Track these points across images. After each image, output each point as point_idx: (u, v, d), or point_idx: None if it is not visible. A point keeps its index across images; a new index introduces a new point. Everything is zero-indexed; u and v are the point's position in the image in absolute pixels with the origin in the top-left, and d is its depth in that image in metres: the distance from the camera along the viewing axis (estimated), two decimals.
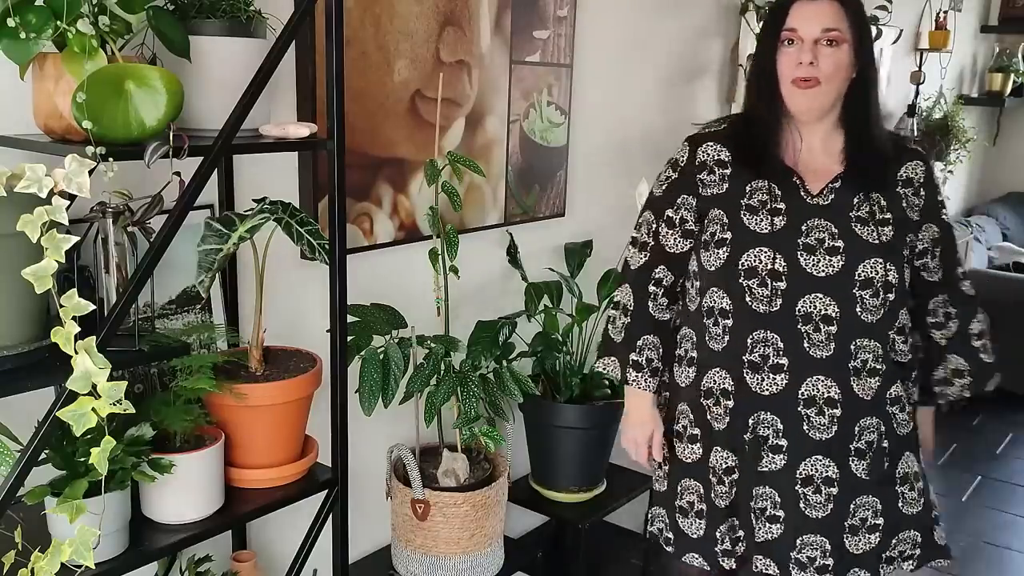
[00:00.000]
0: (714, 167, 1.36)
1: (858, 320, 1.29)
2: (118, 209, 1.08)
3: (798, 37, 1.27)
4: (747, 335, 1.32)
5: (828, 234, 1.30)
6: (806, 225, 1.31)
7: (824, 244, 1.30)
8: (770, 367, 1.32)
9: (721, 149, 1.36)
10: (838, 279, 1.29)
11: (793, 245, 1.30)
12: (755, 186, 1.33)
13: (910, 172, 1.36)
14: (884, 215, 1.32)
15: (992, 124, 4.54)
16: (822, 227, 1.30)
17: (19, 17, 0.95)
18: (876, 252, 1.29)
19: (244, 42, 1.17)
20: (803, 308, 1.29)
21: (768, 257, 1.30)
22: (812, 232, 1.30)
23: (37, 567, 0.97)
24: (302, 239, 1.26)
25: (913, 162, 1.36)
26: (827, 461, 1.32)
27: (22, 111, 1.09)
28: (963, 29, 4.01)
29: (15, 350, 1.00)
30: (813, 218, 1.31)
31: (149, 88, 1.00)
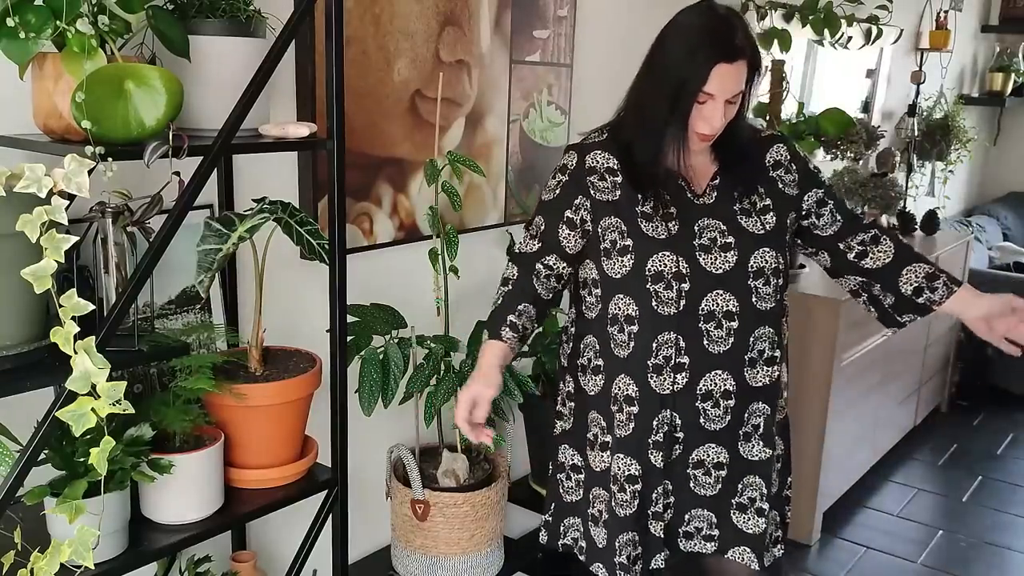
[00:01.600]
0: (604, 174, 1.36)
1: (755, 311, 1.34)
2: (117, 209, 1.08)
3: (710, 98, 1.27)
4: (652, 339, 1.33)
5: (719, 232, 1.33)
6: (698, 225, 1.33)
7: (717, 242, 1.33)
8: (672, 367, 1.34)
9: (609, 157, 1.36)
10: (734, 273, 1.32)
11: (690, 247, 1.32)
12: (647, 192, 1.35)
13: (775, 155, 1.41)
14: (764, 202, 1.36)
15: (993, 124, 4.54)
16: (712, 226, 1.33)
17: (18, 17, 0.95)
18: (764, 242, 1.34)
19: (244, 42, 1.17)
20: (706, 306, 1.32)
21: (671, 260, 1.31)
22: (704, 232, 1.33)
23: (37, 567, 0.97)
24: (302, 239, 1.26)
25: (775, 146, 1.41)
26: (718, 448, 1.38)
27: (22, 111, 1.09)
28: (963, 29, 4.01)
29: (14, 350, 1.00)
30: (703, 218, 1.34)
31: (148, 88, 0.99)
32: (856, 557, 2.51)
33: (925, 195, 3.86)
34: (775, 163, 1.40)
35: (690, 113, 1.27)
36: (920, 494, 2.92)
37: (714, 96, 1.26)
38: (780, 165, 1.40)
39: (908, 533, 2.66)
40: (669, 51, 1.28)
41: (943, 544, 2.60)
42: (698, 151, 1.35)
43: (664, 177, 1.34)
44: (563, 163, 1.40)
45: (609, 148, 1.36)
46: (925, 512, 2.80)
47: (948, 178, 3.89)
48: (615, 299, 1.35)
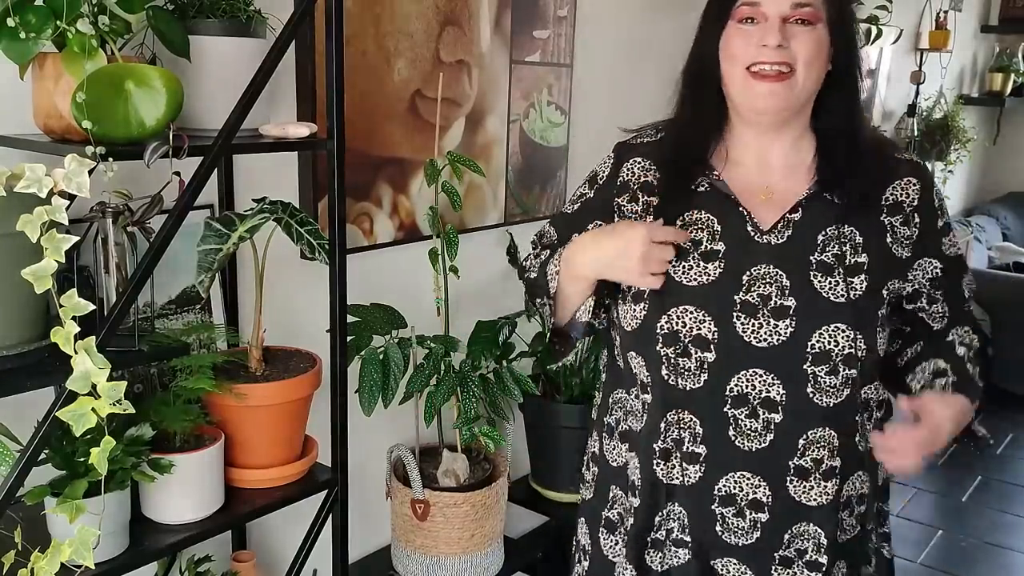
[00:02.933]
0: (638, 192, 1.06)
1: (811, 405, 0.98)
2: (118, 209, 1.08)
3: (760, 14, 0.96)
4: (662, 417, 1.02)
5: (777, 288, 0.98)
6: (749, 275, 0.99)
7: (770, 302, 0.98)
8: (683, 455, 1.02)
9: (649, 168, 1.06)
10: (785, 351, 0.97)
11: (728, 302, 0.99)
12: (688, 219, 1.03)
13: (900, 193, 1.03)
14: (857, 258, 1.00)
15: (992, 124, 4.54)
16: (770, 277, 0.99)
17: (19, 17, 0.95)
18: (839, 315, 0.97)
19: (244, 42, 1.17)
20: (736, 387, 0.99)
21: (694, 319, 0.99)
22: (756, 284, 0.99)
23: (37, 567, 0.97)
24: (302, 239, 1.26)
25: (905, 179, 1.04)
26: (741, 567, 1.03)
27: (22, 111, 1.09)
28: (963, 29, 4.01)
29: (15, 350, 1.00)
30: (760, 264, 0.99)
31: (149, 88, 0.99)
32: None
33: None
34: (895, 204, 1.02)
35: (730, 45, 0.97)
36: (920, 494, 2.92)
37: (760, 6, 0.95)
38: (900, 209, 1.02)
39: (908, 533, 2.66)
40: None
41: (943, 544, 2.60)
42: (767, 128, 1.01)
43: (720, 197, 1.02)
44: (596, 170, 1.13)
45: (654, 154, 1.07)
46: (925, 512, 2.80)
47: (948, 178, 3.89)
48: (629, 357, 1.06)
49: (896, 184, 1.04)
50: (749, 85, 0.97)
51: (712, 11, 1.02)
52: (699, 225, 1.02)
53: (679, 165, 1.04)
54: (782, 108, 0.99)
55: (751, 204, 1.02)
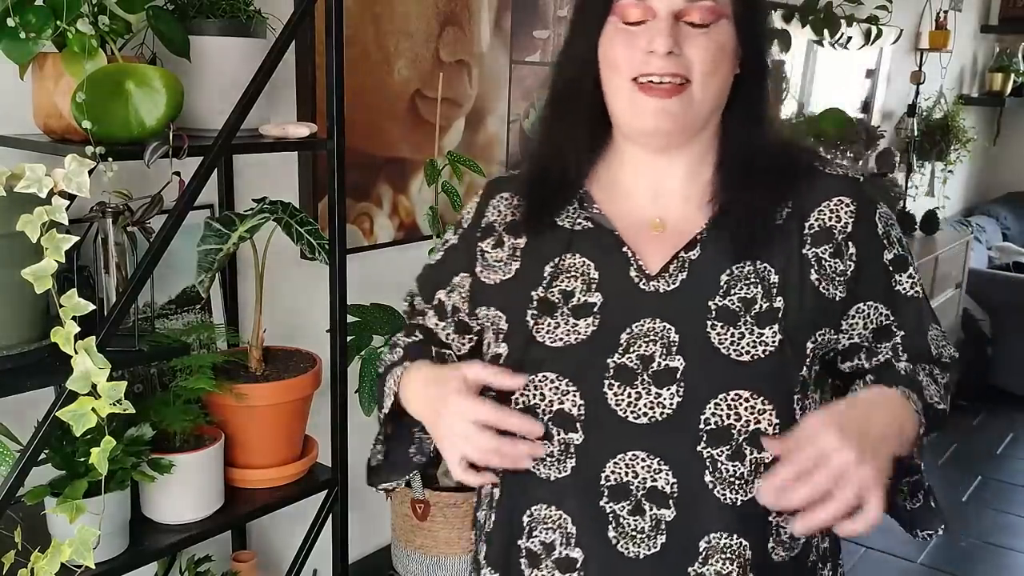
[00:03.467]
0: (503, 235, 0.85)
1: (709, 498, 0.74)
2: (118, 209, 1.08)
3: (647, 10, 0.74)
4: (524, 511, 0.80)
5: (662, 346, 0.75)
6: (629, 332, 0.77)
7: (652, 364, 0.75)
8: (556, 562, 0.78)
9: (519, 204, 0.85)
10: (670, 427, 0.74)
11: (599, 368, 0.76)
12: (560, 266, 0.80)
13: (828, 217, 0.79)
14: (771, 302, 0.76)
15: (992, 124, 4.54)
16: (655, 333, 0.76)
17: (19, 17, 0.95)
18: (742, 377, 0.74)
19: (244, 42, 1.17)
20: (614, 475, 0.75)
21: (555, 389, 0.76)
22: (636, 344, 0.76)
23: (37, 567, 0.97)
24: (302, 239, 1.26)
25: (835, 199, 0.79)
26: None
27: (22, 111, 1.09)
28: (963, 29, 4.01)
29: (15, 350, 1.00)
30: (643, 318, 0.77)
31: (149, 88, 0.99)
32: (856, 557, 2.51)
33: (925, 195, 3.86)
34: (822, 231, 0.78)
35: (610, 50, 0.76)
36: None
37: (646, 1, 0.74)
38: (829, 236, 0.78)
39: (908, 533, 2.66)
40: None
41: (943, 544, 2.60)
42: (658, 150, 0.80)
43: (593, 237, 0.81)
44: (463, 213, 0.91)
45: (521, 186, 0.86)
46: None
47: (948, 178, 3.89)
48: None
49: (824, 206, 0.79)
50: (635, 100, 0.76)
51: (587, 2, 0.79)
52: (572, 273, 0.80)
53: (546, 198, 0.82)
54: (676, 129, 0.77)
55: (639, 242, 0.80)
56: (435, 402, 0.79)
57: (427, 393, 0.81)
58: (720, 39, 0.76)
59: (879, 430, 0.72)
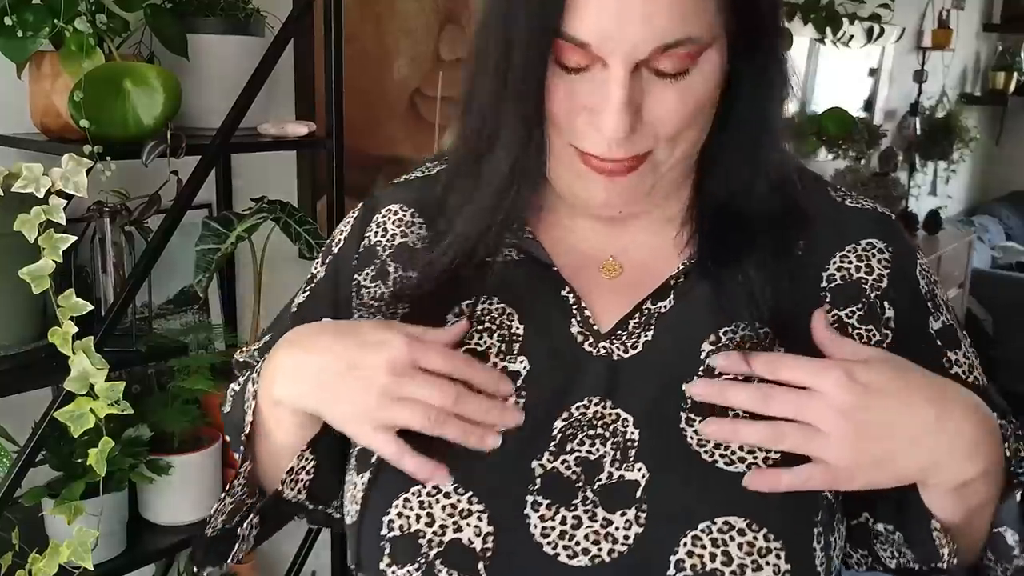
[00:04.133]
0: (388, 262, 0.61)
1: None
2: (115, 208, 1.08)
3: (594, 59, 0.50)
4: None
5: (615, 445, 0.52)
6: (565, 419, 0.54)
7: (599, 474, 0.52)
8: None
9: (412, 220, 0.62)
10: (627, 571, 0.50)
11: (520, 476, 0.52)
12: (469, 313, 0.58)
13: (854, 266, 0.57)
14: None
15: (995, 123, 4.53)
16: (604, 425, 0.53)
17: (16, 15, 0.94)
18: (735, 499, 0.50)
19: (242, 40, 1.17)
20: None
21: (451, 509, 0.52)
22: (576, 439, 0.53)
23: (35, 569, 0.96)
24: (300, 238, 1.25)
25: (864, 242, 0.58)
26: None
27: (19, 110, 1.08)
28: (966, 27, 4.00)
29: (12, 350, 1.00)
30: (587, 397, 0.54)
31: (147, 87, 0.99)
32: None
33: (927, 194, 3.85)
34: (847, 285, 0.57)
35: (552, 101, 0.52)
36: None
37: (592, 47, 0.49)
38: (855, 292, 0.56)
39: None
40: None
41: None
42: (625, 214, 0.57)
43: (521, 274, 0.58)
44: (335, 233, 0.67)
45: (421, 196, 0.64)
46: None
47: (950, 177, 3.88)
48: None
49: (849, 250, 0.57)
50: (578, 171, 0.53)
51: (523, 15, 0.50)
52: (486, 325, 0.56)
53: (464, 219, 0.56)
54: (633, 203, 0.55)
55: (584, 284, 0.57)
56: (349, 349, 0.52)
57: (318, 338, 0.55)
58: (699, 86, 0.51)
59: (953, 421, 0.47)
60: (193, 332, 1.32)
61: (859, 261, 0.57)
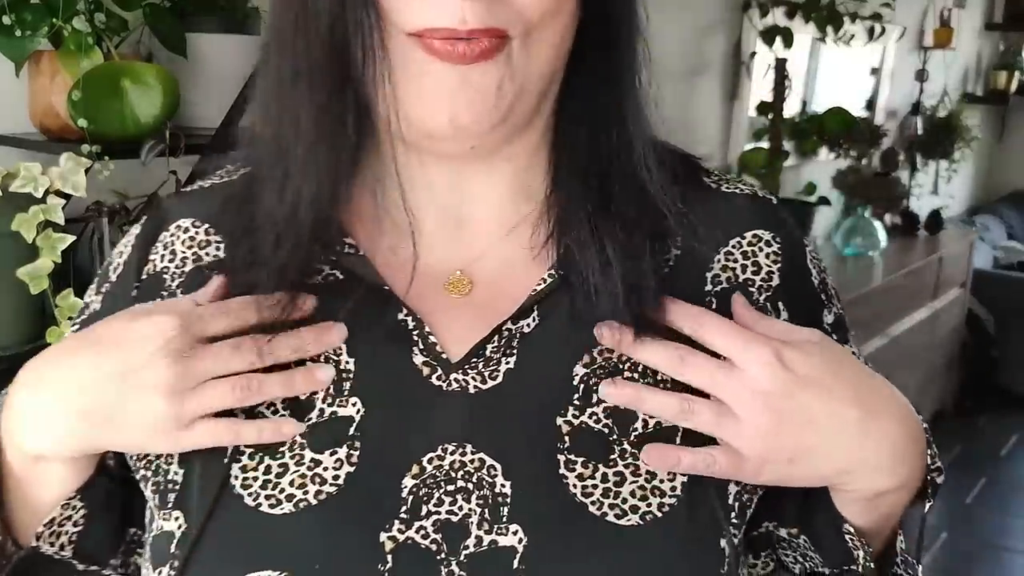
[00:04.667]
0: (177, 294, 0.49)
1: None
2: (114, 208, 1.08)
3: None
4: None
5: (480, 500, 0.43)
6: (417, 474, 0.44)
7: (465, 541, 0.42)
8: None
9: (207, 239, 0.51)
10: None
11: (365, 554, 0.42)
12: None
13: (740, 263, 0.50)
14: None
15: (997, 122, 4.52)
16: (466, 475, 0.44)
17: (15, 14, 0.94)
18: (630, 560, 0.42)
19: (241, 39, 1.16)
20: None
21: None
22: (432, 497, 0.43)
23: None
24: None
25: (749, 233, 0.51)
26: None
27: (17, 109, 1.08)
28: (967, 26, 3.99)
29: (10, 350, 0.99)
30: (440, 444, 0.44)
31: (145, 86, 0.99)
32: None
33: (929, 194, 3.85)
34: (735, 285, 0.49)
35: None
36: None
37: None
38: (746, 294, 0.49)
39: None
40: None
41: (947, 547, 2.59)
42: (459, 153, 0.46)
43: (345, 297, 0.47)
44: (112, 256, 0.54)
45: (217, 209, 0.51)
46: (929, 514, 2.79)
47: (952, 177, 3.88)
48: None
49: (733, 246, 0.50)
50: (415, 71, 0.42)
51: None
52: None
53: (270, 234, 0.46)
54: (487, 121, 0.43)
55: (426, 305, 0.48)
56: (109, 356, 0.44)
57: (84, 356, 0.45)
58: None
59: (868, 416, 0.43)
60: None
61: (745, 259, 0.49)
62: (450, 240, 0.49)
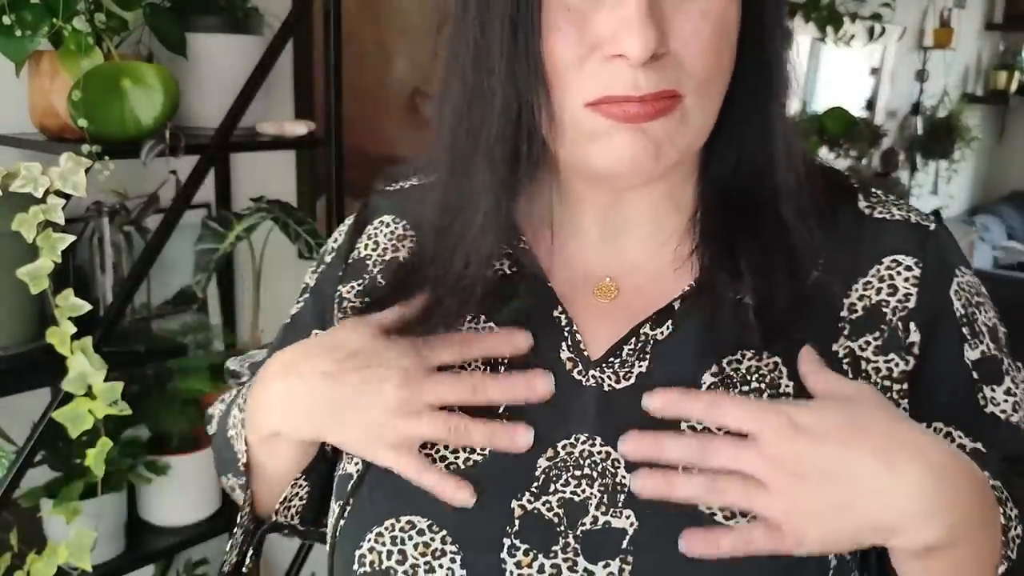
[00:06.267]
0: (378, 279, 0.57)
1: None
2: (114, 208, 1.08)
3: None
4: None
5: (601, 487, 0.47)
6: (551, 456, 0.49)
7: (583, 519, 0.47)
8: None
9: (405, 232, 0.58)
10: None
11: (499, 516, 0.48)
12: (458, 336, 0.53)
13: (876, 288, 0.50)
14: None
15: (997, 122, 4.52)
16: (592, 464, 0.48)
17: (15, 14, 0.94)
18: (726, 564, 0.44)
19: (241, 39, 1.16)
20: None
21: (423, 548, 0.48)
22: (560, 478, 0.48)
23: (33, 570, 0.96)
24: (299, 238, 1.25)
25: (888, 258, 0.51)
26: None
27: (18, 109, 1.08)
28: (967, 27, 3.99)
29: (11, 351, 0.99)
30: (575, 434, 0.49)
31: (145, 86, 0.99)
32: None
33: (929, 194, 3.85)
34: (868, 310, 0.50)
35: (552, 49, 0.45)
36: None
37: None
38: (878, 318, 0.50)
39: None
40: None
41: None
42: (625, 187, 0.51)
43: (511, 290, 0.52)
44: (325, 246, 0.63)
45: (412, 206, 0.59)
46: None
47: (952, 177, 3.88)
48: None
49: (872, 274, 0.51)
50: (598, 133, 0.46)
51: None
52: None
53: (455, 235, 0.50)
54: (659, 168, 0.47)
55: (577, 305, 0.52)
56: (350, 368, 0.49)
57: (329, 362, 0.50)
58: (723, 15, 0.45)
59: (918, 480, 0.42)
60: (192, 332, 1.31)
61: (881, 283, 0.50)
62: (606, 250, 0.53)
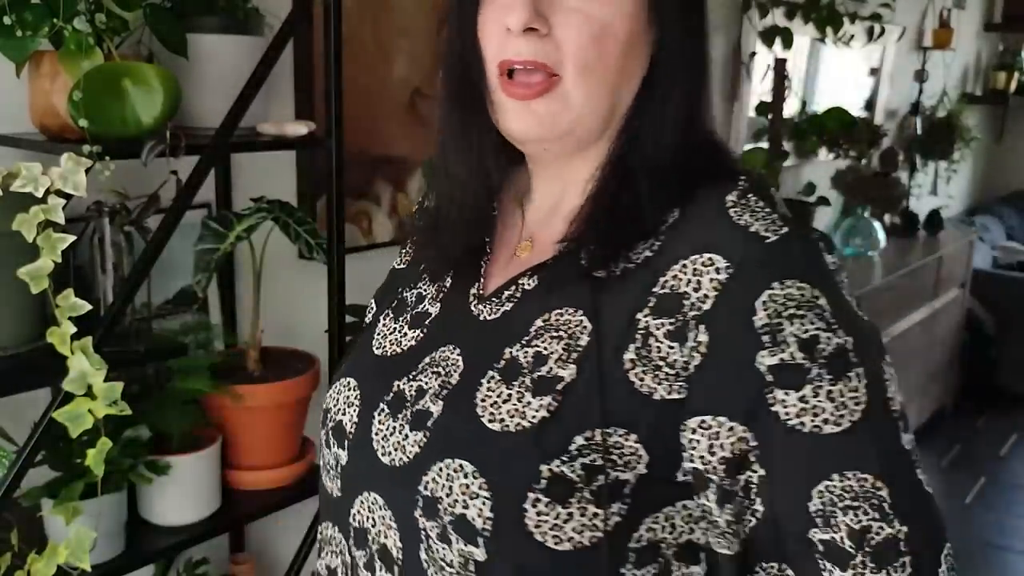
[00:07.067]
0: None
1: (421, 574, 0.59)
2: (114, 208, 1.08)
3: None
4: (320, 523, 0.72)
5: (441, 383, 0.62)
6: (432, 356, 0.64)
7: (420, 401, 0.62)
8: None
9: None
10: (403, 481, 0.60)
11: (385, 387, 0.65)
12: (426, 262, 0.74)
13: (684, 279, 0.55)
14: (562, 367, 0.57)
15: (996, 123, 4.53)
16: (446, 367, 0.63)
17: (15, 14, 0.94)
18: (472, 447, 0.57)
19: (241, 40, 1.17)
20: (358, 516, 0.64)
21: (345, 399, 0.67)
22: (427, 372, 0.64)
23: (33, 569, 0.96)
24: (300, 238, 1.25)
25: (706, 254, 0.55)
26: None
27: (18, 109, 1.08)
28: (967, 27, 3.99)
29: (11, 350, 0.99)
30: (450, 344, 0.64)
31: (146, 86, 0.99)
32: None
33: (928, 194, 3.85)
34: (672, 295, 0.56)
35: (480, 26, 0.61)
36: None
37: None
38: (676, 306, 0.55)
39: None
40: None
41: None
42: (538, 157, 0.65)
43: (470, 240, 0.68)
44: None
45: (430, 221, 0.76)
46: None
47: (951, 177, 3.88)
48: None
49: (689, 261, 0.56)
50: (502, 103, 0.60)
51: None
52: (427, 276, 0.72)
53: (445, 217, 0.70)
54: (548, 136, 0.60)
55: (501, 258, 0.68)
56: None
57: None
58: (606, 12, 0.56)
59: None
60: (192, 332, 1.32)
61: (692, 275, 0.55)
62: (545, 218, 0.67)
